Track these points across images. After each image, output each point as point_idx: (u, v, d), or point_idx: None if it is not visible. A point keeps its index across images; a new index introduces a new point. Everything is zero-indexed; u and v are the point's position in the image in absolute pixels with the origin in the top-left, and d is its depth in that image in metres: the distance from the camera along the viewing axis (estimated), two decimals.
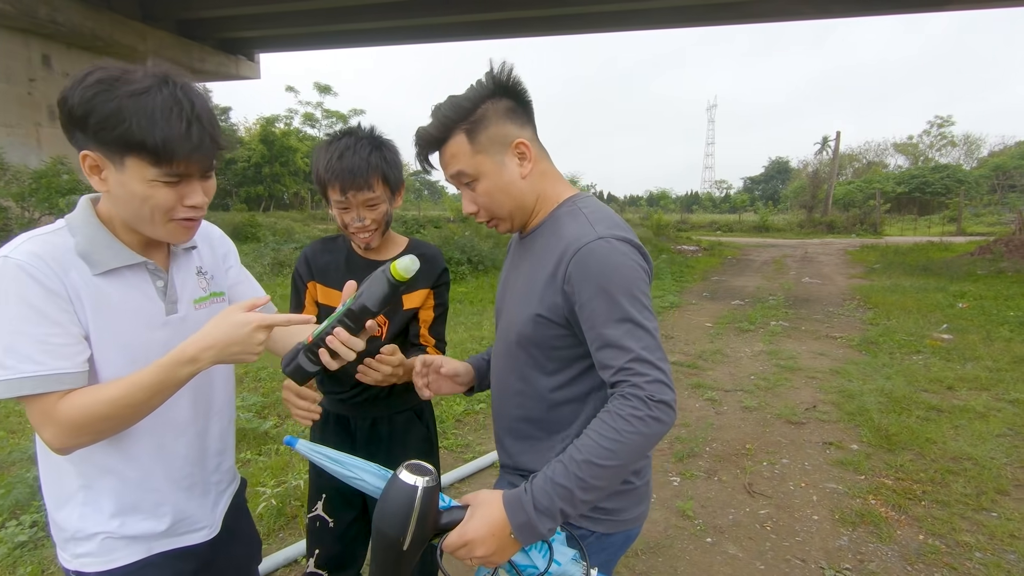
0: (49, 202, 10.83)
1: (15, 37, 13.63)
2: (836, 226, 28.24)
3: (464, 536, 0.94)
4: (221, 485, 1.25)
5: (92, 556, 1.06)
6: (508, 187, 1.12)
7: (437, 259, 1.67)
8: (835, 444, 3.74)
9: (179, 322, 1.09)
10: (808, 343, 6.46)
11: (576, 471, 0.93)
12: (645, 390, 0.94)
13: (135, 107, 0.90)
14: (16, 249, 0.94)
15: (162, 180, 0.94)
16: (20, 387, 0.91)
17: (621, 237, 1.03)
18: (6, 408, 4.18)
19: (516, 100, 1.12)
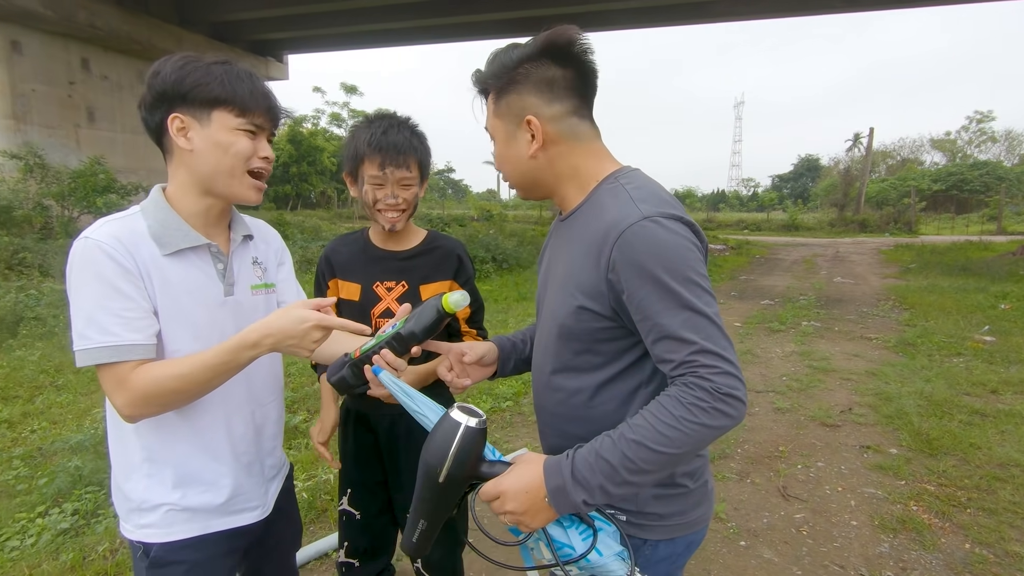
0: (87, 200, 11.17)
1: (56, 41, 14.09)
2: (869, 225, 27.50)
3: (499, 486, 0.93)
4: (273, 470, 1.32)
5: (155, 527, 1.13)
6: (514, 159, 1.07)
7: (453, 250, 1.66)
8: (873, 448, 3.63)
9: (236, 304, 1.19)
10: (842, 344, 6.29)
11: (624, 449, 0.87)
12: (712, 382, 0.86)
13: (219, 71, 1.09)
14: (96, 231, 1.04)
15: (243, 129, 1.11)
16: (98, 356, 1.00)
17: (669, 215, 0.92)
18: (48, 400, 4.32)
19: (566, 69, 1.02)
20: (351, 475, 1.71)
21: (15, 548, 2.52)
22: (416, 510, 0.98)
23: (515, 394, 4.50)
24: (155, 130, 1.13)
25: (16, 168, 11.56)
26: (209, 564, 1.19)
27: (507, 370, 1.30)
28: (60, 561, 2.39)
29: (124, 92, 16.12)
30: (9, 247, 8.65)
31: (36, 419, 3.98)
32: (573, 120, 1.05)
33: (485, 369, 1.28)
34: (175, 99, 1.08)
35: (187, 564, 1.15)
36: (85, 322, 1.01)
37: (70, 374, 4.83)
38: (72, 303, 1.03)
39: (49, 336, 5.86)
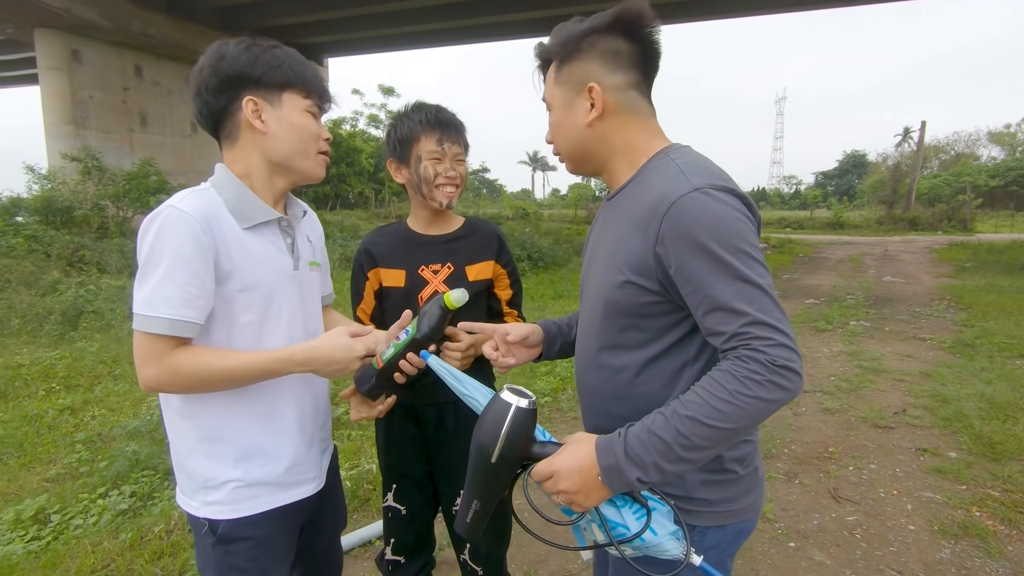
0: (140, 201, 11.68)
1: (111, 50, 14.80)
2: (920, 223, 26.34)
3: (551, 465, 0.92)
4: (324, 443, 1.36)
5: (222, 504, 1.16)
6: (569, 128, 1.06)
7: (493, 232, 1.70)
8: (930, 451, 3.46)
9: (300, 278, 1.23)
10: (893, 344, 6.03)
11: (678, 425, 0.85)
12: (767, 354, 0.83)
13: (283, 55, 1.15)
14: (181, 201, 1.06)
15: (311, 111, 1.17)
16: (153, 324, 1.02)
17: (720, 186, 0.90)
18: (106, 389, 4.53)
19: (632, 43, 1.01)
20: (396, 469, 1.69)
21: (79, 526, 2.65)
22: (469, 492, 0.98)
23: (553, 390, 4.48)
24: (216, 114, 1.14)
25: (76, 171, 12.17)
26: (272, 541, 1.21)
27: (552, 352, 1.29)
28: (120, 540, 2.50)
29: (173, 97, 16.82)
30: (70, 245, 9.11)
31: (96, 406, 4.17)
32: (633, 94, 1.04)
33: (530, 350, 1.27)
34: (247, 82, 1.11)
35: (253, 540, 1.18)
36: (153, 289, 1.02)
37: (126, 364, 5.05)
38: (143, 266, 1.04)
39: (107, 329, 6.15)
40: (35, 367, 4.88)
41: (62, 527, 2.65)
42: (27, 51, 15.96)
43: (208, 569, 1.20)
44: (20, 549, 2.45)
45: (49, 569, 2.30)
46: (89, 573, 2.28)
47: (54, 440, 3.60)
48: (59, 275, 7.68)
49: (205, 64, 1.12)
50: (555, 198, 53.28)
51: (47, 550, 2.46)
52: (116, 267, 8.74)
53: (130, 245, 9.64)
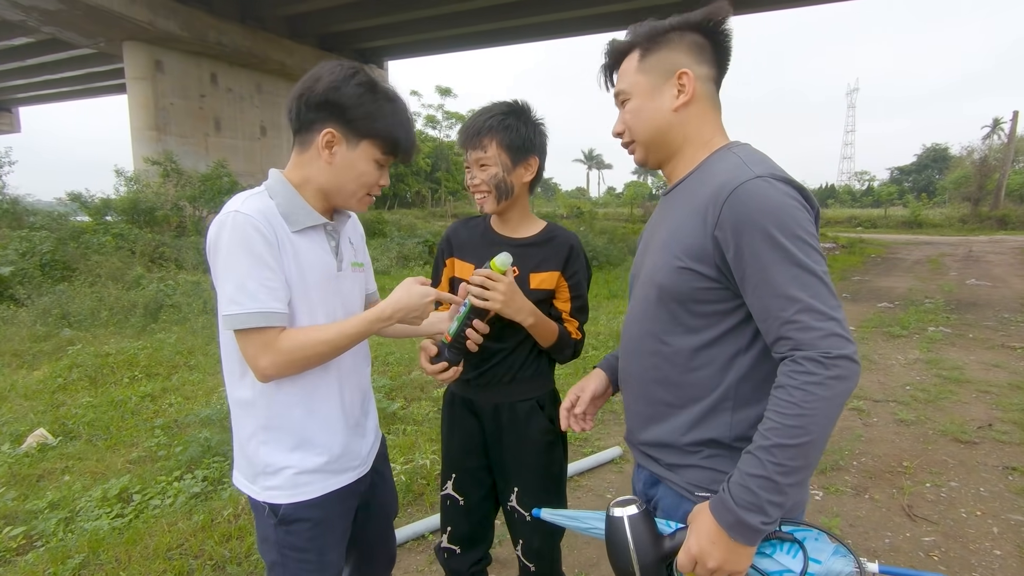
0: (214, 201, 12.38)
1: (189, 59, 15.77)
2: (1010, 221, 24.35)
3: (689, 552, 0.93)
4: (371, 432, 1.44)
5: (280, 489, 1.24)
6: (654, 112, 1.08)
7: (565, 242, 1.64)
8: (1020, 470, 3.19)
9: (343, 278, 1.31)
10: (977, 352, 5.59)
11: (769, 458, 0.86)
12: (818, 348, 0.84)
13: (390, 110, 1.20)
14: (243, 205, 1.14)
15: (379, 162, 1.23)
16: (249, 320, 1.10)
17: (781, 177, 0.92)
18: (182, 378, 4.83)
19: (712, 42, 1.06)
20: (456, 460, 1.72)
21: (157, 507, 2.84)
22: None
23: None
24: (303, 124, 1.20)
25: (157, 173, 13.05)
26: (329, 522, 1.29)
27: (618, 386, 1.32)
28: (193, 521, 2.66)
29: (244, 103, 17.73)
30: (152, 243, 9.78)
31: (173, 394, 4.46)
32: (713, 87, 1.09)
33: (600, 399, 1.34)
34: (339, 117, 1.17)
35: (312, 521, 1.26)
36: (236, 288, 1.09)
37: (200, 356, 5.37)
38: (221, 271, 1.11)
39: (183, 322, 6.56)
40: (120, 356, 5.26)
41: (142, 506, 2.84)
42: (115, 63, 17.24)
43: (269, 547, 1.27)
44: (106, 525, 2.65)
45: (131, 545, 2.47)
46: (166, 551, 2.44)
47: (136, 425, 3.87)
48: (142, 271, 8.25)
49: (322, 79, 1.17)
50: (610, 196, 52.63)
51: (129, 527, 2.65)
52: (192, 263, 9.31)
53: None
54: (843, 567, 0.90)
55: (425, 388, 4.52)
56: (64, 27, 14.39)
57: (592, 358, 5.12)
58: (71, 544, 2.48)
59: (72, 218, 11.62)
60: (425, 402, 4.20)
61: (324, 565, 1.29)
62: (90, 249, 8.83)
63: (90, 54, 18.72)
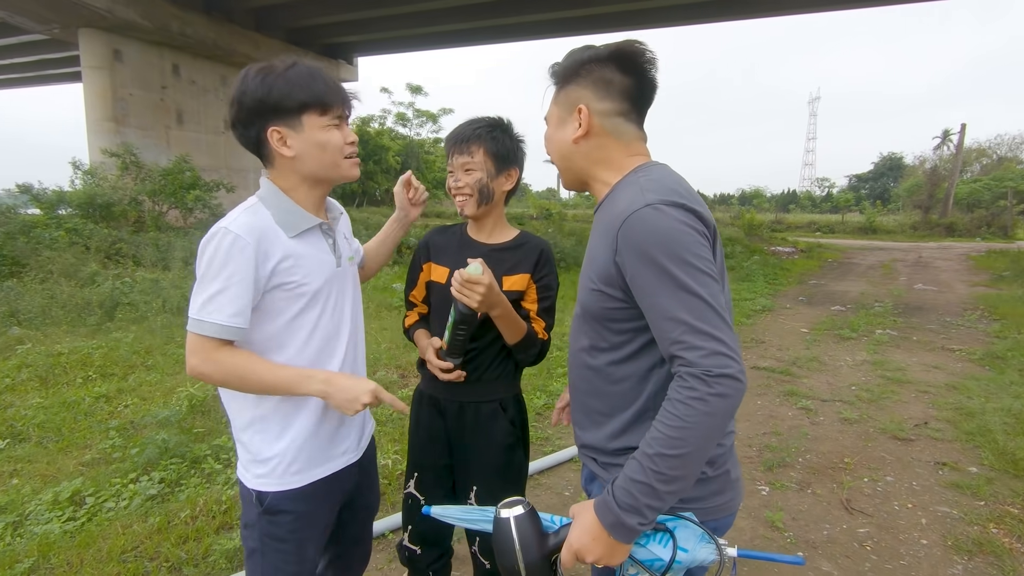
0: (175, 196, 12.05)
1: (150, 49, 15.27)
2: (957, 229, 25.54)
3: (571, 548, 0.99)
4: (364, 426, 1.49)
5: (268, 477, 1.29)
6: (559, 143, 1.17)
7: (537, 247, 1.72)
8: (949, 465, 3.41)
9: (342, 273, 1.38)
10: (920, 354, 5.90)
11: (650, 465, 0.91)
12: (701, 366, 0.89)
13: (295, 76, 1.20)
14: (234, 222, 1.19)
15: (332, 123, 1.24)
16: (206, 328, 1.16)
17: (671, 202, 0.97)
18: (139, 379, 4.72)
19: (627, 76, 1.11)
20: (419, 459, 1.77)
21: (111, 509, 2.80)
22: None
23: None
24: (253, 144, 1.26)
25: (115, 166, 12.62)
26: (312, 516, 1.34)
27: None
28: (148, 524, 2.63)
29: (208, 95, 17.26)
30: (108, 239, 9.46)
31: (129, 395, 4.36)
32: (618, 120, 1.14)
33: None
34: (267, 113, 1.20)
35: (295, 514, 1.31)
36: (209, 299, 1.16)
37: (159, 355, 5.26)
38: (200, 278, 1.19)
39: (141, 320, 6.39)
40: (74, 355, 5.11)
41: (96, 509, 2.80)
42: (71, 50, 16.59)
43: (251, 534, 1.32)
44: (57, 529, 2.60)
45: (83, 548, 2.44)
46: (120, 554, 2.41)
47: (90, 426, 3.78)
48: (97, 267, 7.99)
49: (234, 99, 1.23)
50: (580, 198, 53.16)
51: (82, 530, 2.60)
52: (151, 260, 9.05)
53: (164, 239, 9.96)
54: (708, 554, 0.97)
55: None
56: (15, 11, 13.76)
57: (557, 360, 5.21)
58: (19, 549, 2.44)
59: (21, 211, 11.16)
60: None
61: (302, 558, 1.34)
62: (41, 244, 8.50)
63: (43, 40, 17.94)
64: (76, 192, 11.42)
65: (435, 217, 27.71)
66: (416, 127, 37.66)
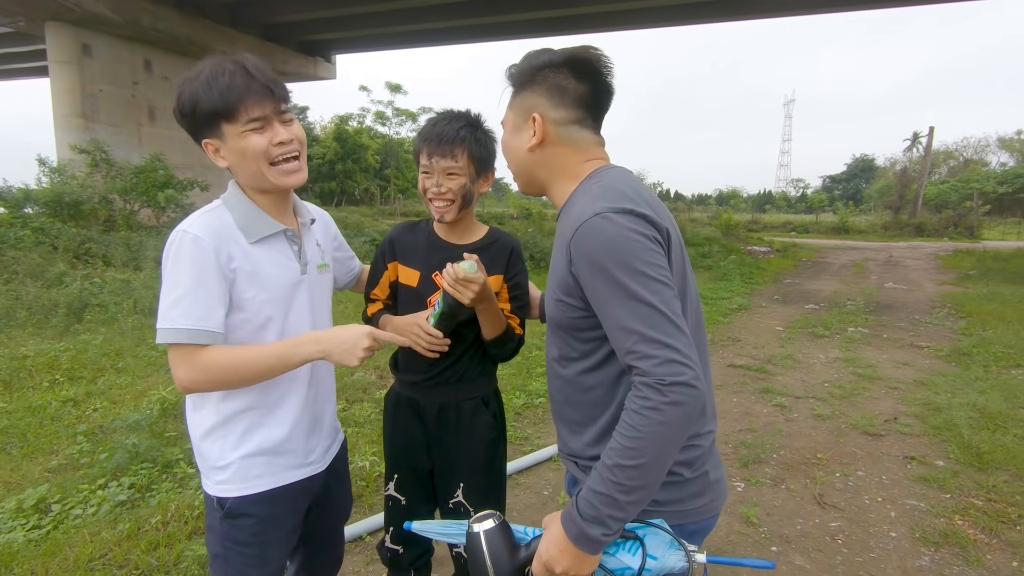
0: (147, 195, 11.77)
1: (122, 44, 14.90)
2: (926, 229, 26.23)
3: (540, 560, 0.99)
4: (330, 430, 1.46)
5: (230, 483, 1.27)
6: (515, 150, 1.16)
7: (507, 245, 1.70)
8: (918, 459, 3.50)
9: (309, 282, 1.33)
10: (890, 352, 6.05)
11: (610, 476, 0.91)
12: (654, 375, 0.87)
13: (199, 87, 1.13)
14: (193, 224, 1.16)
15: (248, 129, 1.15)
16: (177, 336, 1.13)
17: (620, 209, 0.95)
18: (109, 382, 4.60)
19: (582, 82, 1.09)
20: (398, 461, 1.74)
21: (78, 516, 2.72)
22: None
23: (547, 391, 4.53)
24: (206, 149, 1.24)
25: (85, 163, 12.28)
26: (275, 519, 1.32)
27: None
28: (118, 530, 2.56)
29: None
30: (77, 238, 9.21)
31: (98, 399, 4.25)
32: (573, 128, 1.12)
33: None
34: (195, 128, 1.18)
35: (257, 517, 1.29)
36: (172, 304, 1.13)
37: (129, 358, 5.13)
38: (164, 286, 1.15)
39: (111, 322, 6.23)
40: (40, 359, 4.96)
41: (62, 517, 2.72)
42: (38, 43, 16.10)
43: (213, 538, 1.30)
44: (21, 537, 2.52)
45: (48, 557, 2.37)
46: (87, 562, 2.35)
47: (56, 431, 3.68)
48: (65, 267, 7.77)
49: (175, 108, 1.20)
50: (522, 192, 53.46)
51: (47, 539, 2.53)
52: (122, 260, 8.83)
53: (136, 239, 9.73)
54: (677, 560, 0.97)
55: (367, 390, 4.49)
56: None
57: (536, 359, 5.22)
58: None
59: None
60: (367, 404, 4.18)
61: (266, 560, 1.32)
62: (6, 243, 8.25)
63: (7, 33, 17.39)
64: (43, 190, 11.09)
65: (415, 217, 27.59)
66: (395, 126, 37.45)
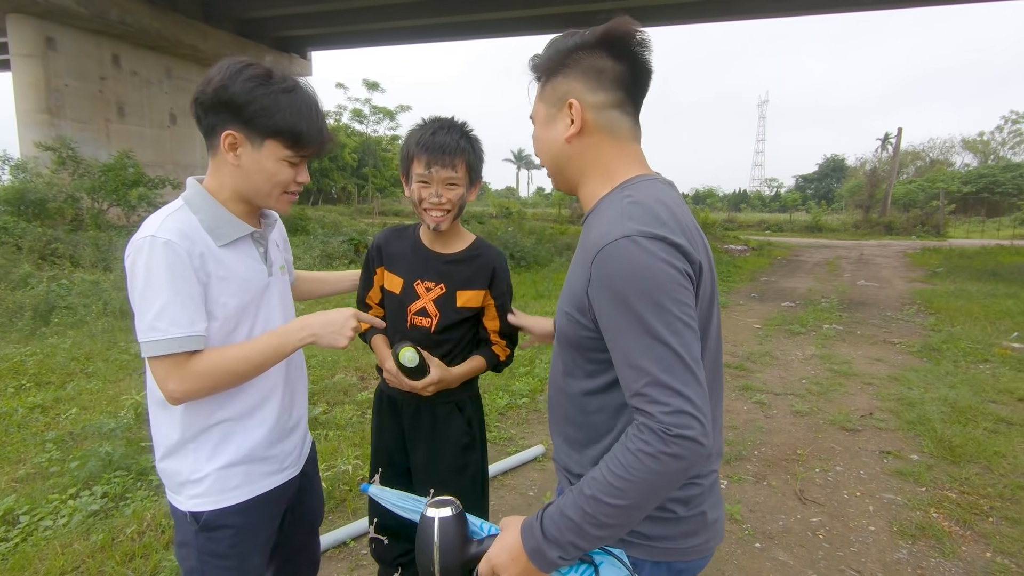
0: (117, 194, 11.44)
1: (88, 38, 14.46)
2: (895, 227, 26.95)
3: (489, 561, 0.95)
4: (302, 434, 1.44)
5: (205, 496, 1.22)
6: (549, 143, 1.06)
7: (490, 262, 1.69)
8: (893, 453, 3.58)
9: (274, 284, 1.30)
10: (864, 348, 6.19)
11: (584, 506, 0.85)
12: (661, 422, 0.80)
13: (286, 102, 1.13)
14: (160, 228, 1.11)
15: (289, 160, 1.18)
16: (169, 346, 1.08)
17: (651, 234, 0.86)
18: (79, 387, 4.46)
19: (619, 62, 0.98)
20: (382, 456, 1.77)
21: (48, 528, 2.62)
22: None
23: (531, 391, 4.53)
24: (206, 129, 1.17)
25: (50, 160, 11.89)
26: (253, 529, 1.28)
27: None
28: (90, 541, 2.48)
29: (152, 88, 16.49)
30: (42, 238, 8.91)
31: (67, 404, 4.11)
32: (614, 113, 1.01)
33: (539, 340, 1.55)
34: (236, 117, 1.13)
35: (235, 528, 1.25)
36: (157, 315, 1.08)
37: (100, 362, 4.98)
38: (140, 297, 1.09)
39: (80, 325, 6.04)
40: (4, 364, 4.78)
41: (31, 528, 2.62)
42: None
43: (188, 553, 1.25)
44: None
45: (16, 571, 2.28)
46: (59, 575, 2.26)
47: (23, 439, 3.54)
48: (31, 269, 7.51)
49: (213, 78, 1.12)
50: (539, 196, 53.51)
51: (15, 552, 2.43)
52: (90, 261, 8.57)
53: (105, 239, 9.45)
54: None
55: (349, 392, 4.43)
56: None
57: (519, 358, 5.21)
58: None
59: None
60: (348, 406, 4.12)
61: (245, 571, 1.29)
62: None
63: None
64: (5, 188, 10.73)
65: (393, 216, 27.38)
66: (373, 124, 37.09)
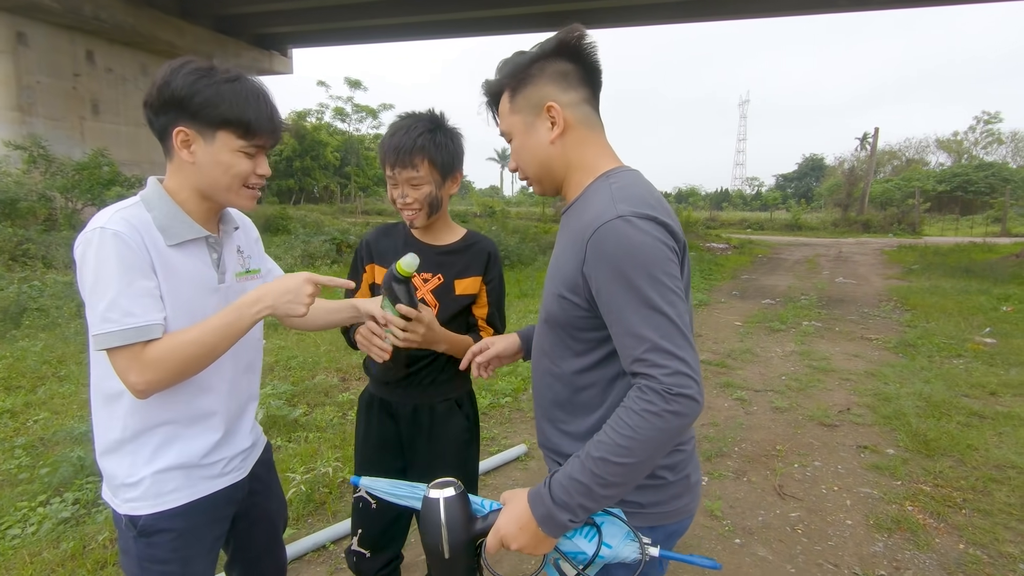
0: (91, 193, 11.20)
1: (61, 34, 14.12)
2: (872, 225, 27.42)
3: (497, 533, 0.99)
4: (248, 437, 1.38)
5: (142, 500, 1.18)
6: (534, 149, 1.12)
7: (484, 249, 1.71)
8: (870, 448, 3.64)
9: (226, 290, 1.26)
10: (842, 344, 6.29)
11: (592, 468, 0.91)
12: (663, 383, 0.88)
13: (229, 91, 1.12)
14: (110, 220, 1.09)
15: (244, 151, 1.16)
16: (124, 337, 1.05)
17: (643, 214, 0.95)
18: (50, 391, 4.35)
19: (577, 64, 1.08)
20: (371, 463, 1.72)
21: (16, 536, 2.55)
22: None
23: (514, 390, 4.52)
24: (159, 131, 1.16)
25: (21, 159, 11.60)
26: (195, 532, 1.24)
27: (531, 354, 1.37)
28: (61, 550, 2.41)
29: (128, 85, 16.16)
30: (13, 239, 8.69)
31: (38, 409, 4.00)
32: (586, 108, 1.10)
33: (507, 359, 1.45)
34: (183, 113, 1.12)
35: (174, 532, 1.21)
36: (108, 306, 1.05)
37: (72, 365, 4.86)
38: (91, 289, 1.07)
39: (52, 327, 5.90)
40: None
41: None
42: None
43: (129, 561, 1.22)
44: None
45: None
46: None
47: None
48: (1, 270, 7.32)
49: (158, 79, 1.13)
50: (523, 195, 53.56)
51: None
52: (64, 262, 8.38)
53: None
54: (631, 552, 0.99)
55: (329, 393, 4.38)
56: None
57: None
58: None
59: None
60: (329, 408, 4.07)
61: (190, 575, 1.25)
62: None
63: None
64: None
65: (376, 215, 27.17)
66: (355, 122, 36.78)
